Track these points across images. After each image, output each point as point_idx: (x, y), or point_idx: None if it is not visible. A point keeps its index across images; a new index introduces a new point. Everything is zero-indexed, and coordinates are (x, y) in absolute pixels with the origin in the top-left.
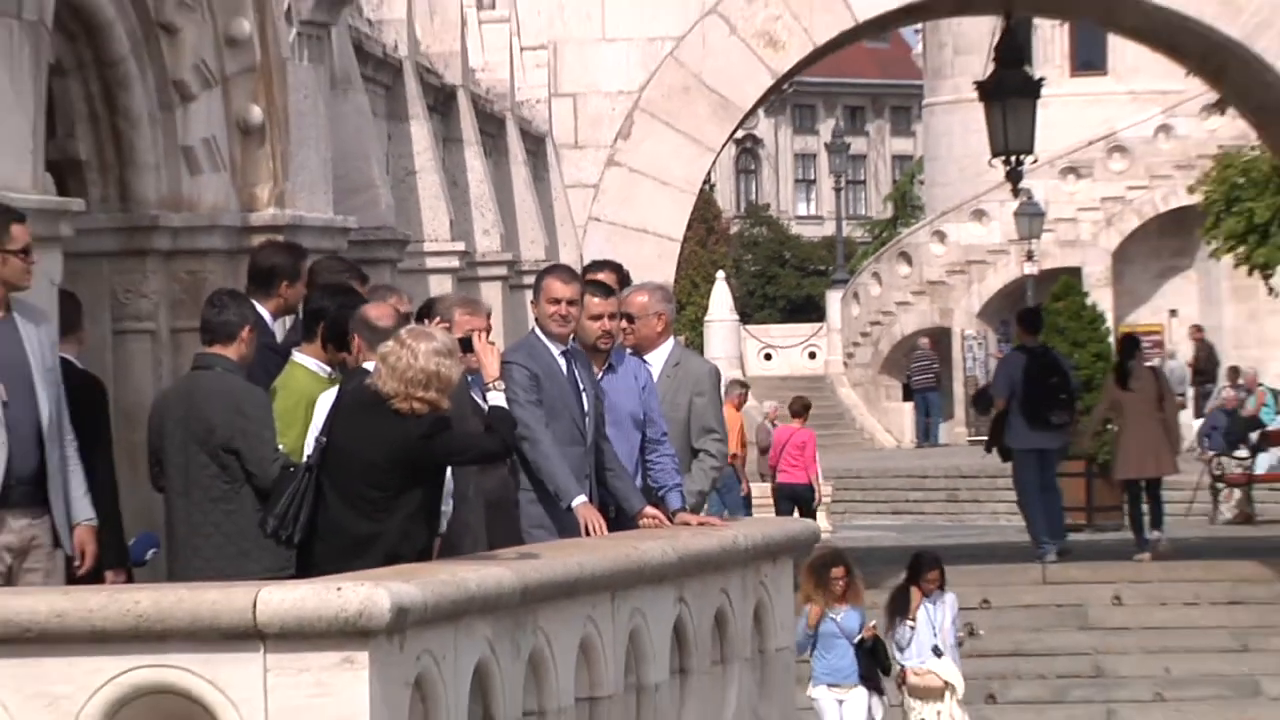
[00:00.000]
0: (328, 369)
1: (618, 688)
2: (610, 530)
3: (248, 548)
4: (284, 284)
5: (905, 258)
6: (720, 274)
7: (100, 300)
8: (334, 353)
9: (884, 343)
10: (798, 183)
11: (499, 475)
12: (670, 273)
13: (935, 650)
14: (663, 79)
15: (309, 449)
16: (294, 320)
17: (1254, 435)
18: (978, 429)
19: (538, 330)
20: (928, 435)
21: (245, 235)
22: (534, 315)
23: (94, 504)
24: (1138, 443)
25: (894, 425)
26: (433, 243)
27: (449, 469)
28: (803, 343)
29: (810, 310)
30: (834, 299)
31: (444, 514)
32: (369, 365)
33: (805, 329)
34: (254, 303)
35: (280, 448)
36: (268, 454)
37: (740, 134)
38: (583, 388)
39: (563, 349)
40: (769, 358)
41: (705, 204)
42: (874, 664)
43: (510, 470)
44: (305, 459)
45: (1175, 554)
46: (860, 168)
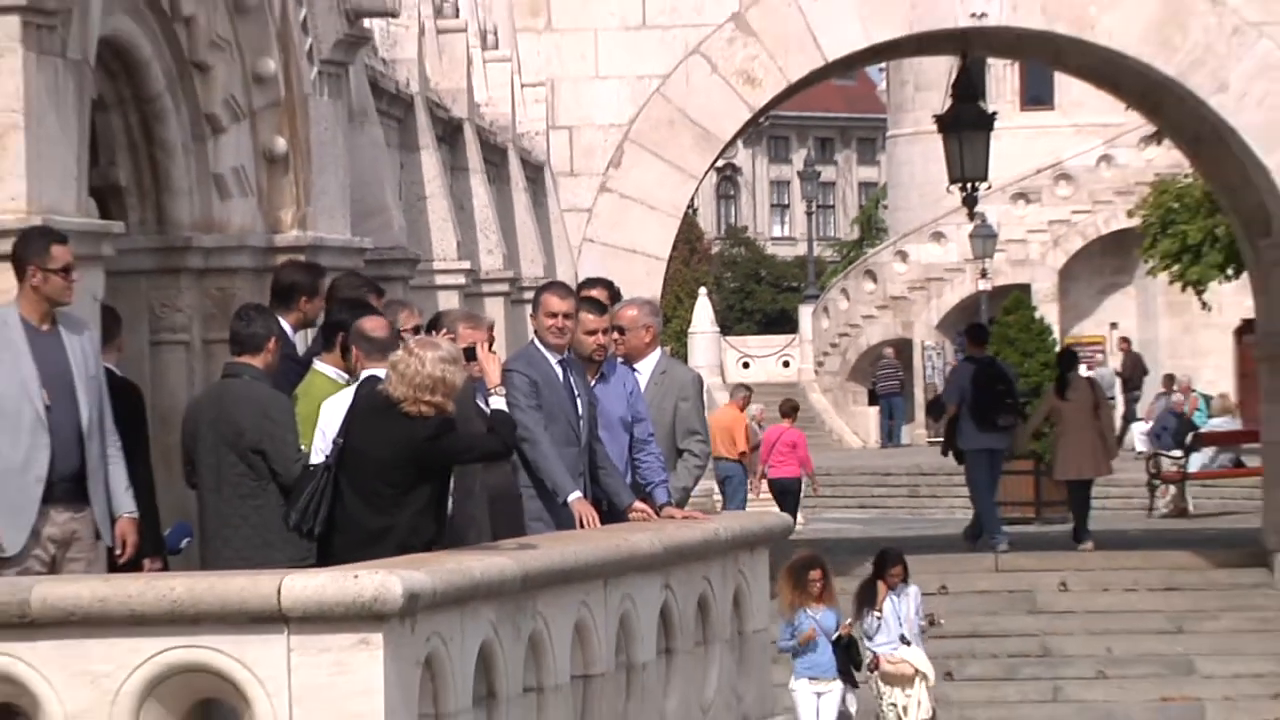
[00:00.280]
0: (345, 376)
1: (609, 666)
2: (603, 523)
3: (273, 539)
4: (303, 299)
5: (870, 275)
6: (702, 290)
7: (139, 314)
8: (351, 361)
9: (851, 353)
10: (773, 207)
11: (502, 472)
12: (657, 289)
13: (904, 639)
14: (650, 113)
15: (316, 445)
16: (316, 332)
17: (1188, 436)
18: (936, 431)
19: (536, 341)
20: (891, 436)
21: (271, 255)
22: (533, 327)
23: (133, 498)
24: (1075, 447)
25: (860, 427)
26: (441, 261)
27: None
28: (777, 352)
29: (784, 323)
30: (806, 313)
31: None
32: (367, 372)
33: (780, 340)
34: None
35: (302, 448)
36: (291, 454)
37: (720, 163)
38: (577, 394)
39: (559, 358)
40: (747, 366)
41: (689, 226)
42: (849, 660)
43: (512, 468)
44: (324, 458)
45: (1108, 544)
46: (830, 194)
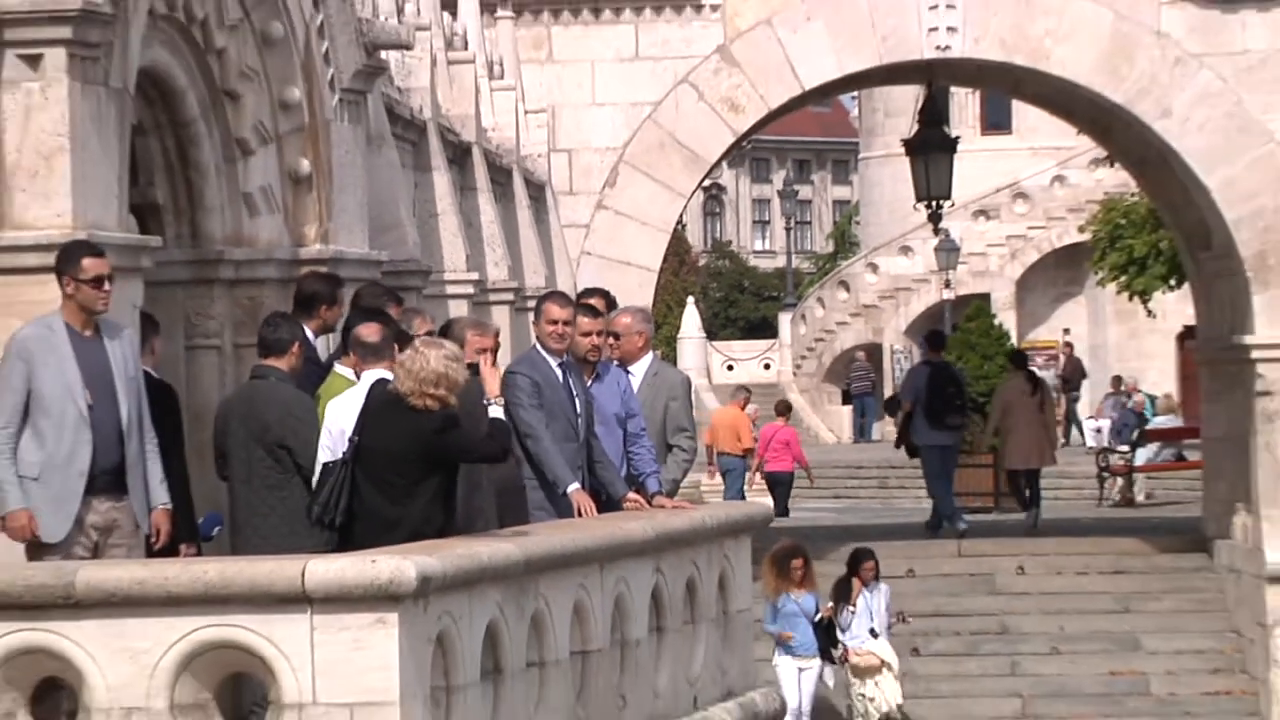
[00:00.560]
0: None
1: (605, 643)
2: (599, 512)
3: (297, 527)
4: (323, 307)
5: (844, 285)
6: (690, 299)
7: (175, 321)
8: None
9: (826, 356)
10: (755, 223)
11: (507, 466)
12: (649, 298)
13: (872, 632)
14: (643, 137)
15: (323, 441)
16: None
17: (1135, 432)
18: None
19: (538, 346)
20: (863, 433)
21: (296, 267)
22: (535, 333)
23: (169, 490)
24: (1023, 440)
25: (835, 424)
26: (451, 273)
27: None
28: (759, 356)
29: (765, 329)
30: (785, 320)
31: None
32: (369, 373)
33: (761, 344)
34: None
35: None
36: (313, 449)
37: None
38: (575, 394)
39: (559, 361)
40: (731, 369)
41: (678, 241)
42: (828, 640)
43: (516, 462)
44: (340, 455)
45: (1061, 531)
46: (807, 211)
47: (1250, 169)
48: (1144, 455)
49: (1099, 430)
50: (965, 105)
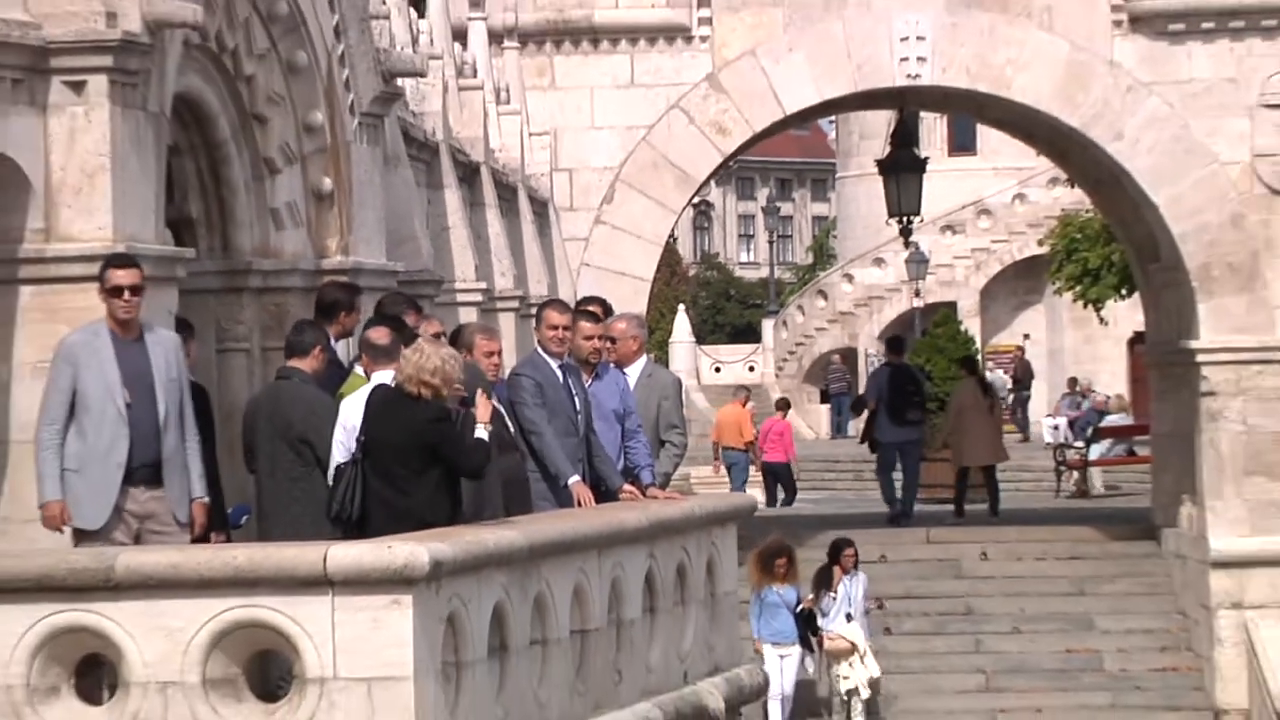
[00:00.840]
0: None
1: (603, 623)
2: (597, 502)
3: (318, 516)
4: (343, 314)
5: (822, 294)
6: (681, 306)
7: (207, 327)
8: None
9: (805, 359)
10: (740, 237)
11: (512, 460)
12: (643, 306)
13: (848, 616)
14: (637, 158)
15: (337, 437)
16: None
17: (1089, 429)
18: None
19: (540, 349)
20: (839, 429)
21: (318, 277)
22: (536, 338)
23: (206, 485)
24: (976, 439)
25: (813, 422)
26: (461, 282)
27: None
28: (744, 359)
29: (750, 334)
30: (768, 326)
31: None
32: (379, 374)
33: (746, 348)
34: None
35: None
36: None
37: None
38: (575, 393)
39: (560, 363)
40: (718, 370)
41: (669, 253)
42: (808, 629)
43: (521, 456)
44: (350, 454)
45: (1021, 520)
46: (788, 225)
47: (1195, 188)
48: (1097, 450)
49: (1056, 427)
50: (934, 129)
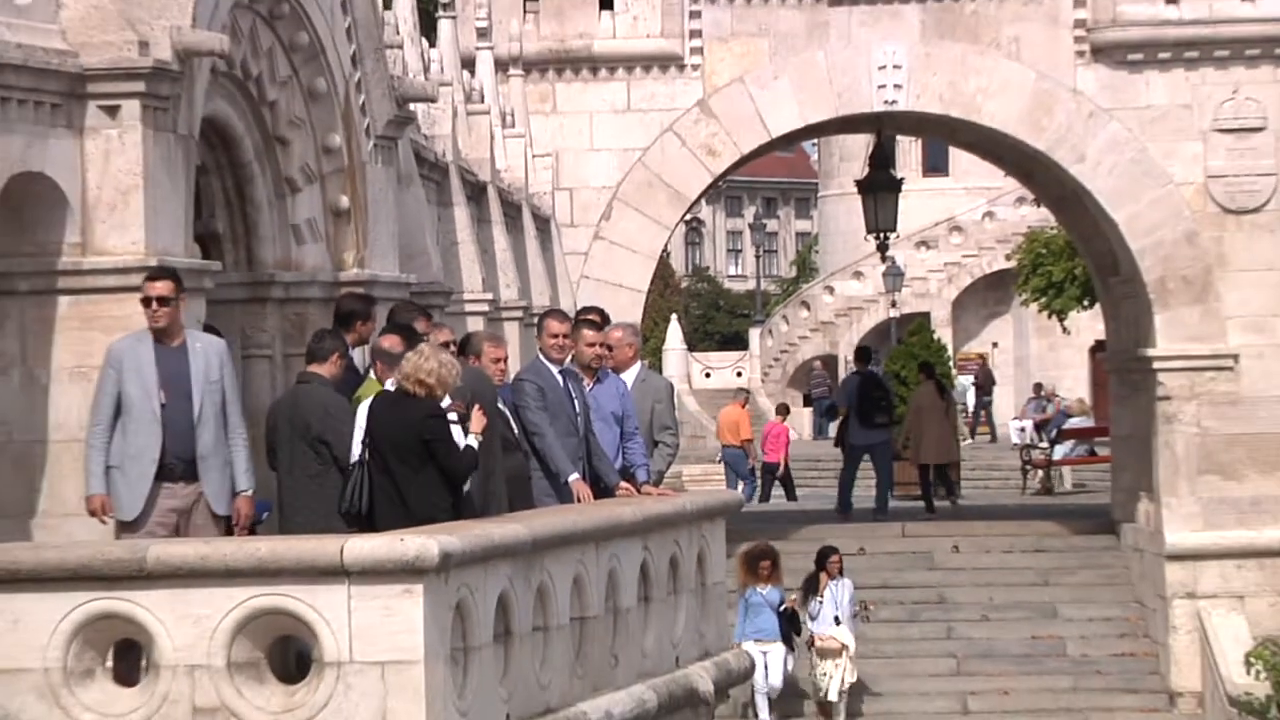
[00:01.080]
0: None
1: (600, 610)
2: (595, 498)
3: (333, 511)
4: (359, 323)
5: (805, 305)
6: (674, 316)
7: (232, 334)
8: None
9: (790, 365)
10: (729, 251)
11: (516, 460)
12: (638, 315)
13: (836, 620)
14: (633, 178)
15: (356, 437)
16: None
17: (1054, 431)
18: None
19: (541, 356)
20: (821, 431)
21: (336, 288)
22: (539, 345)
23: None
24: (933, 439)
25: (796, 424)
26: (469, 293)
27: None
28: (732, 365)
29: (738, 342)
30: (755, 334)
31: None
32: (390, 382)
33: (734, 355)
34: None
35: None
36: (348, 443)
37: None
38: (574, 396)
39: (560, 369)
40: (708, 376)
41: (663, 266)
42: (790, 628)
43: (524, 455)
44: (358, 455)
45: (990, 515)
46: (774, 241)
47: (1152, 206)
48: (1061, 451)
49: (1023, 429)
50: (909, 151)
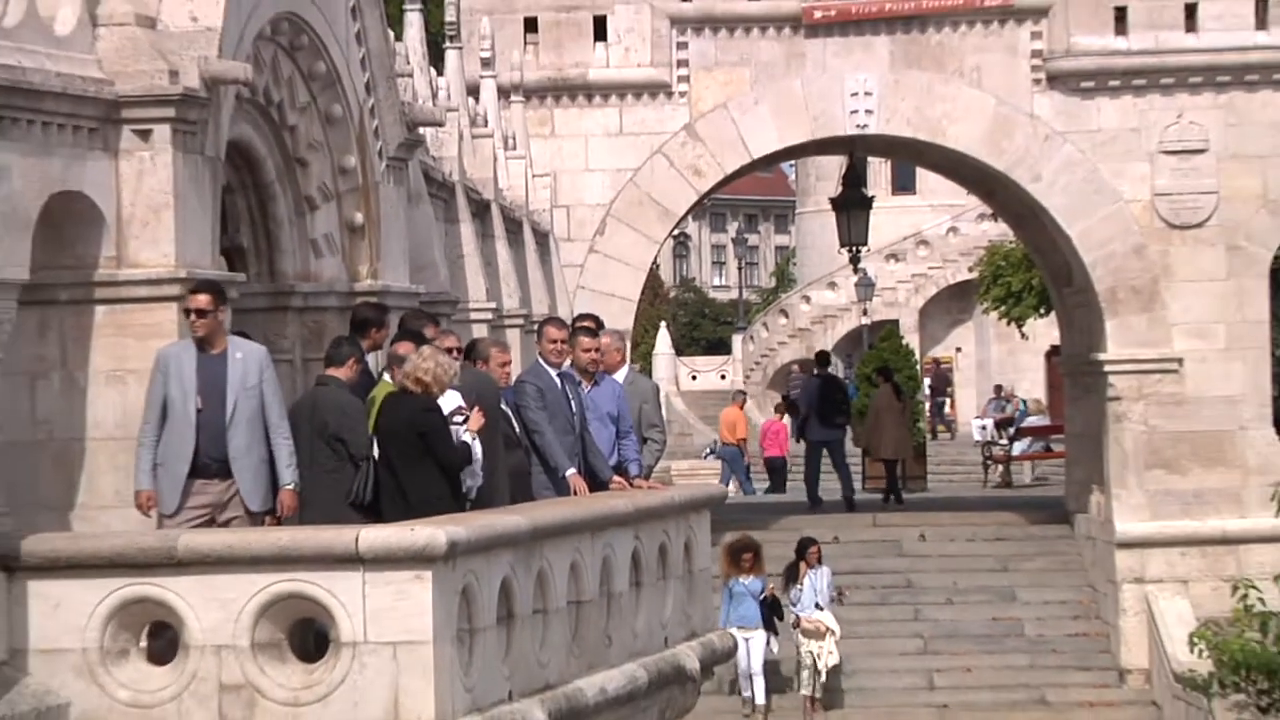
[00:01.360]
0: None
1: (595, 594)
2: (591, 491)
3: (349, 503)
4: (373, 330)
5: (784, 313)
6: (663, 323)
7: (256, 340)
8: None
9: (770, 369)
10: (713, 263)
11: (517, 456)
12: (630, 323)
13: (818, 605)
14: (625, 196)
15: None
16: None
17: (1012, 429)
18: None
19: (541, 360)
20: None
21: (351, 298)
22: (538, 350)
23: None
24: (890, 436)
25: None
26: (474, 302)
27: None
28: (717, 369)
29: (722, 347)
30: (737, 340)
31: (473, 485)
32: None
33: (718, 360)
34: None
35: (372, 438)
36: (363, 441)
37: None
38: (571, 397)
39: (558, 372)
40: (695, 378)
41: (652, 277)
42: (772, 615)
43: (525, 452)
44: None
45: (954, 507)
46: (755, 254)
47: (1103, 222)
48: (1019, 447)
49: (984, 427)
50: (879, 171)
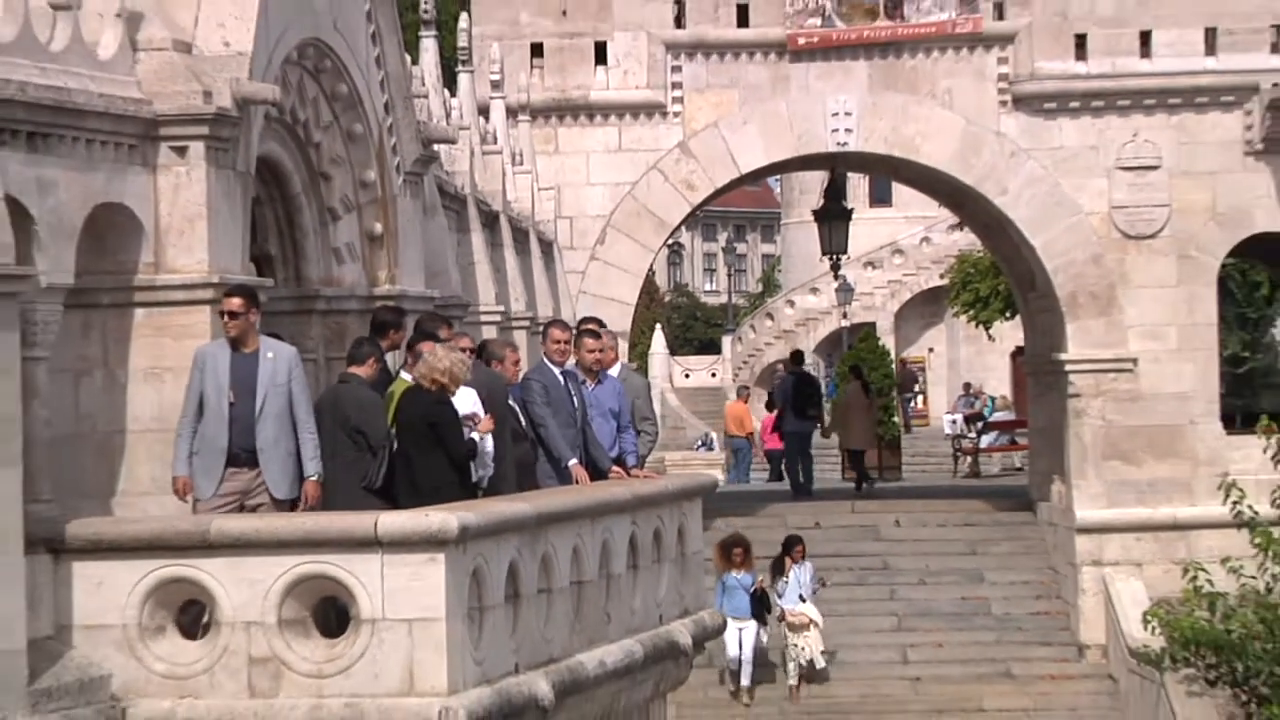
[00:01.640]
0: None
1: (595, 576)
2: (591, 481)
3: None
4: (392, 331)
5: (770, 316)
6: (658, 326)
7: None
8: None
9: (756, 367)
10: (705, 270)
11: (524, 448)
12: (627, 325)
13: (801, 598)
14: (624, 208)
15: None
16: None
17: (980, 423)
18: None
19: (546, 359)
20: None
21: (371, 302)
22: (543, 350)
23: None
24: (858, 430)
25: (762, 418)
26: (484, 306)
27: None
28: (708, 367)
29: (713, 348)
30: (727, 341)
31: (484, 475)
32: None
33: (709, 359)
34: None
35: (390, 430)
36: (381, 434)
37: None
38: (573, 394)
39: (561, 370)
40: (688, 376)
41: (648, 283)
42: (762, 607)
43: (530, 445)
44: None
45: (926, 495)
46: (743, 262)
47: (1064, 233)
48: (986, 440)
49: (954, 422)
50: (858, 185)
